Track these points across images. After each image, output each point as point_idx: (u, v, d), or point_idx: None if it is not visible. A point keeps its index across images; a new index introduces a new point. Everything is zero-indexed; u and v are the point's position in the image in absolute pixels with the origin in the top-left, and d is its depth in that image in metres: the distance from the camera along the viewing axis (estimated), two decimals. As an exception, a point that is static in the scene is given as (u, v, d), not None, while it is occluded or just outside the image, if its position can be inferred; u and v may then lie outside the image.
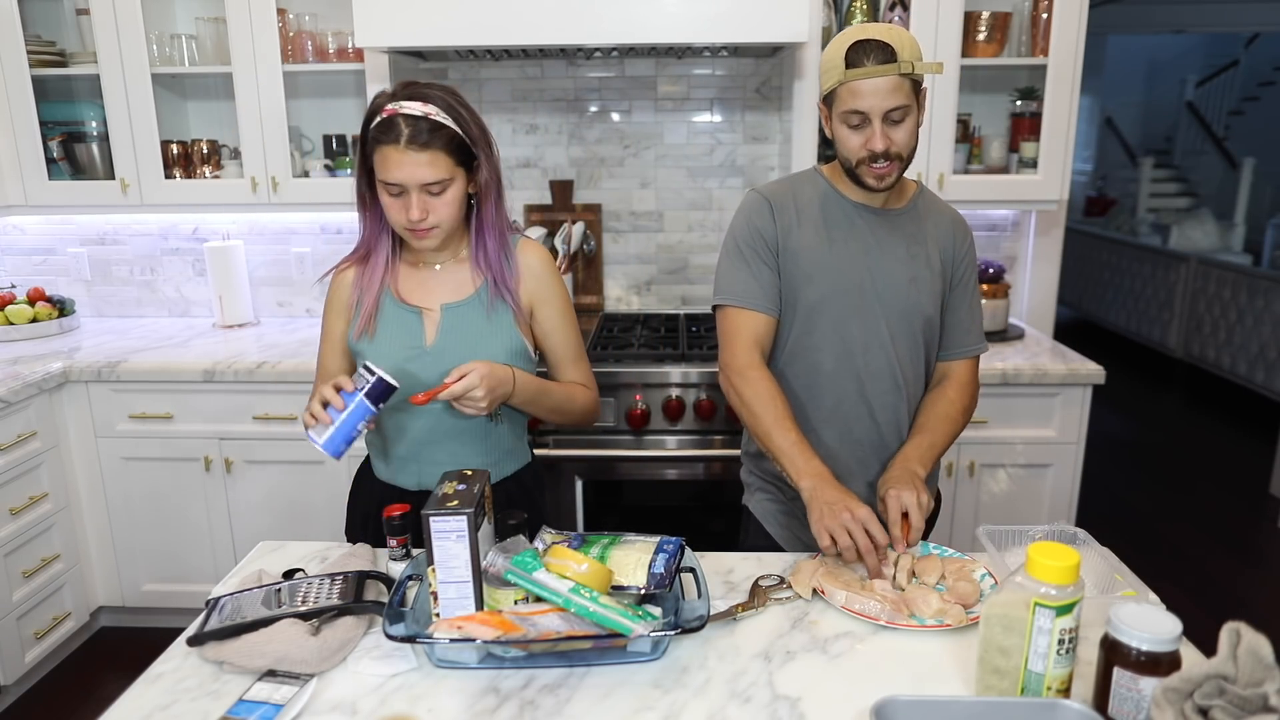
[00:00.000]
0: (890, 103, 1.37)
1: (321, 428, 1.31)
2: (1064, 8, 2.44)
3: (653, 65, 2.83)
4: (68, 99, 2.80)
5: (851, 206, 1.52)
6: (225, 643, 1.13)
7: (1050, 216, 2.89)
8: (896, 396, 1.53)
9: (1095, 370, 2.41)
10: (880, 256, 1.51)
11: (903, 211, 1.54)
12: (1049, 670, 0.96)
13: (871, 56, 1.35)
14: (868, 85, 1.36)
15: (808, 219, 1.51)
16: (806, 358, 1.53)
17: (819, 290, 1.50)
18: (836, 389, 1.53)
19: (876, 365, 1.52)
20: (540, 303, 1.54)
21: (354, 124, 2.82)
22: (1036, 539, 1.24)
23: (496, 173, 1.46)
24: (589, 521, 2.50)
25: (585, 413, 1.60)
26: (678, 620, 1.13)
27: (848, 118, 1.40)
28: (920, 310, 1.53)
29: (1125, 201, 8.28)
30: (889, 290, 1.50)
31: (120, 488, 2.58)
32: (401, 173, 1.35)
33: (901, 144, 1.41)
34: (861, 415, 1.53)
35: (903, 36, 1.37)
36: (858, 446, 1.55)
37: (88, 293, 3.09)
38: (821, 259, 1.50)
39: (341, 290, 1.54)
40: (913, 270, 1.52)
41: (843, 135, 1.43)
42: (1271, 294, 4.98)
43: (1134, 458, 4.40)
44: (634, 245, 2.98)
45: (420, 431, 1.52)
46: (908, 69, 1.35)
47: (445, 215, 1.41)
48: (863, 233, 1.51)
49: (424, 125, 1.35)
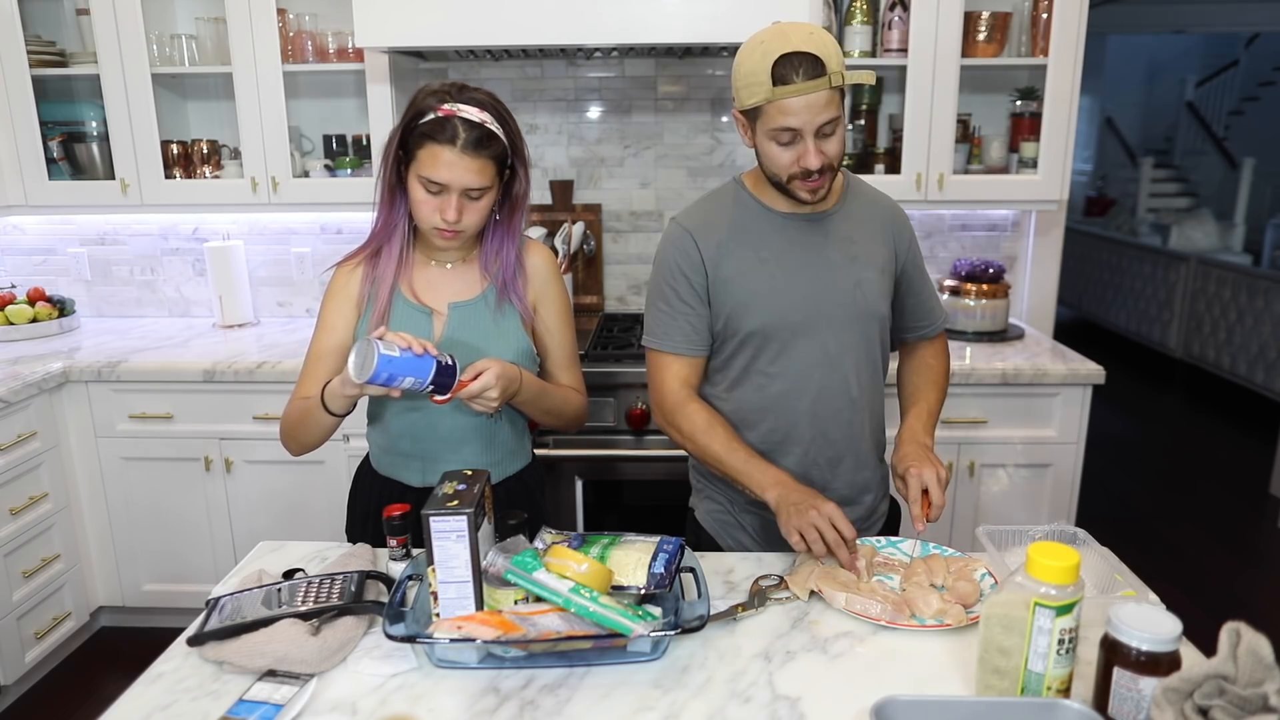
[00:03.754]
0: (822, 117, 1.29)
1: (392, 346, 1.26)
2: (1064, 8, 2.44)
3: (653, 65, 2.83)
4: (68, 99, 2.80)
5: (780, 219, 1.45)
6: (225, 643, 1.13)
7: (1050, 216, 2.89)
8: (851, 410, 1.50)
9: (1095, 370, 2.41)
10: (819, 268, 1.45)
11: (834, 212, 1.47)
12: (1049, 670, 0.96)
13: (800, 71, 1.26)
14: (799, 103, 1.28)
15: (735, 243, 1.44)
16: (754, 382, 1.48)
17: (759, 318, 1.44)
18: (788, 411, 1.48)
19: (827, 382, 1.47)
20: (541, 302, 1.55)
21: (354, 124, 2.82)
22: (1036, 539, 1.24)
23: (528, 184, 1.47)
24: (589, 521, 2.50)
25: (576, 417, 1.62)
26: (678, 620, 1.13)
27: (778, 135, 1.31)
28: (871, 313, 1.48)
29: (1125, 201, 8.28)
30: (833, 301, 1.45)
31: (120, 488, 2.58)
32: (451, 174, 1.35)
33: (834, 155, 1.34)
34: (816, 434, 1.49)
35: (826, 43, 1.29)
36: (813, 465, 1.51)
37: (88, 293, 3.09)
38: (757, 284, 1.43)
39: (349, 285, 1.52)
40: (855, 274, 1.46)
41: (772, 152, 1.34)
42: (1271, 294, 4.98)
43: (1134, 458, 4.40)
44: (634, 245, 2.98)
45: (426, 428, 1.52)
46: (838, 80, 1.28)
47: (475, 221, 1.41)
48: (796, 246, 1.45)
49: (482, 133, 1.35)
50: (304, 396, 1.47)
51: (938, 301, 1.65)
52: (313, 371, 1.50)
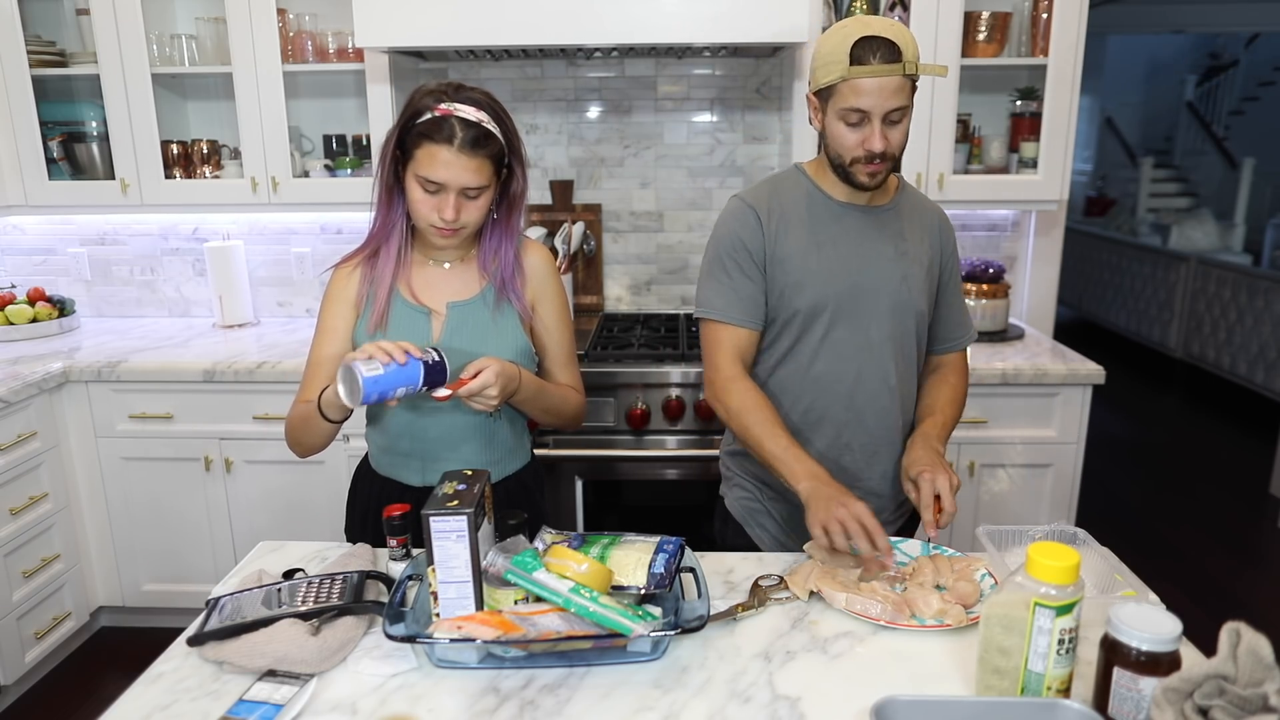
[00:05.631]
0: (893, 103, 1.35)
1: (374, 364, 1.26)
2: (1064, 8, 2.44)
3: (653, 65, 2.83)
4: (68, 99, 2.80)
5: (838, 206, 1.50)
6: (225, 643, 1.13)
7: (1050, 216, 2.89)
8: (889, 400, 1.53)
9: (1095, 370, 2.41)
10: (870, 257, 1.49)
11: (888, 208, 1.52)
12: (1049, 670, 0.96)
13: (878, 55, 1.32)
14: (872, 84, 1.33)
15: (794, 223, 1.49)
16: (798, 363, 1.52)
17: (809, 297, 1.48)
18: (828, 394, 1.51)
19: (868, 370, 1.51)
20: (539, 301, 1.55)
21: (354, 124, 2.82)
22: (1036, 539, 1.24)
23: (525, 183, 1.48)
24: (589, 521, 2.50)
25: (575, 416, 1.62)
26: (678, 620, 1.13)
27: (847, 115, 1.37)
28: (913, 308, 1.52)
29: (1125, 201, 8.29)
30: (881, 291, 1.49)
31: (120, 488, 2.58)
32: (449, 174, 1.35)
33: (897, 144, 1.40)
34: (851, 418, 1.52)
35: (905, 34, 1.35)
36: (847, 451, 1.54)
37: (88, 293, 3.09)
38: (810, 265, 1.47)
39: (347, 286, 1.52)
40: (903, 268, 1.50)
41: (839, 132, 1.39)
42: (1271, 294, 4.98)
43: (1134, 458, 4.40)
44: (634, 245, 2.98)
45: (425, 428, 1.52)
46: (912, 70, 1.34)
47: (473, 219, 1.42)
48: (851, 233, 1.49)
49: (479, 132, 1.36)
50: (305, 400, 1.47)
51: (968, 317, 1.67)
52: (313, 376, 1.50)
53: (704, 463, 2.43)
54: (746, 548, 1.58)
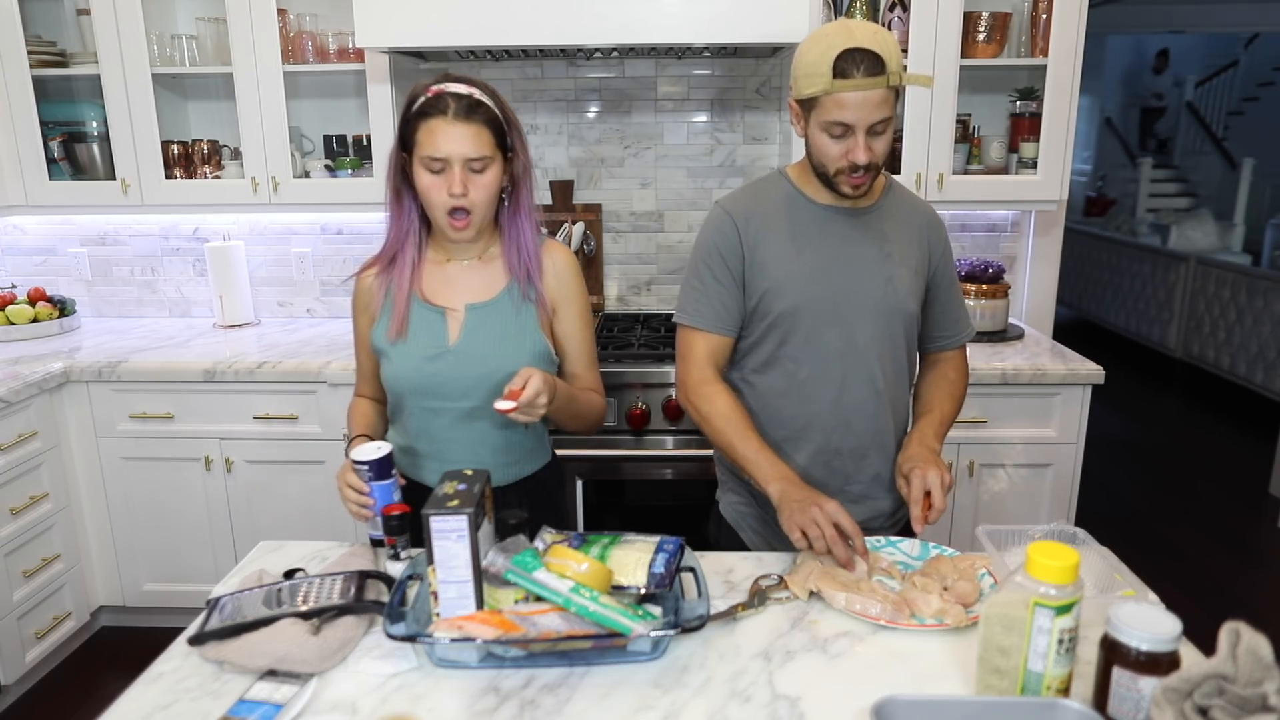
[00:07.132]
0: (877, 115, 1.33)
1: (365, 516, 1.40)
2: (1064, 8, 2.44)
3: (652, 66, 2.83)
4: (68, 99, 2.80)
5: (820, 210, 1.49)
6: (225, 642, 1.13)
7: (1050, 216, 2.89)
8: (875, 403, 1.52)
9: (1095, 370, 2.41)
10: (853, 260, 1.48)
11: (872, 210, 1.51)
12: (1049, 670, 0.96)
13: (861, 67, 1.29)
14: (856, 98, 1.31)
15: (774, 228, 1.48)
16: (782, 368, 1.51)
17: (790, 301, 1.46)
18: (815, 399, 1.51)
19: (854, 373, 1.50)
20: (562, 302, 1.54)
21: (355, 124, 2.82)
22: (1036, 539, 1.24)
23: (529, 161, 1.50)
24: (589, 521, 2.50)
25: (599, 420, 1.62)
26: (678, 620, 1.13)
27: (830, 128, 1.35)
28: (900, 310, 1.50)
29: (1125, 201, 8.28)
30: (865, 294, 1.48)
31: (120, 488, 2.58)
32: (448, 144, 1.38)
33: (880, 155, 1.38)
34: (839, 422, 1.51)
35: (888, 43, 1.32)
36: (835, 455, 1.53)
37: (88, 293, 3.09)
38: (791, 269, 1.46)
39: (365, 294, 1.55)
40: (888, 270, 1.49)
41: (822, 143, 1.38)
42: (1271, 294, 4.98)
43: (1134, 458, 4.40)
44: (634, 245, 2.98)
45: (443, 429, 1.52)
46: (896, 81, 1.32)
47: (482, 198, 1.43)
48: (833, 237, 1.48)
49: (471, 100, 1.40)
50: (360, 395, 1.65)
51: (965, 314, 1.65)
52: (361, 377, 1.65)
53: (704, 463, 2.43)
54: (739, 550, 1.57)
